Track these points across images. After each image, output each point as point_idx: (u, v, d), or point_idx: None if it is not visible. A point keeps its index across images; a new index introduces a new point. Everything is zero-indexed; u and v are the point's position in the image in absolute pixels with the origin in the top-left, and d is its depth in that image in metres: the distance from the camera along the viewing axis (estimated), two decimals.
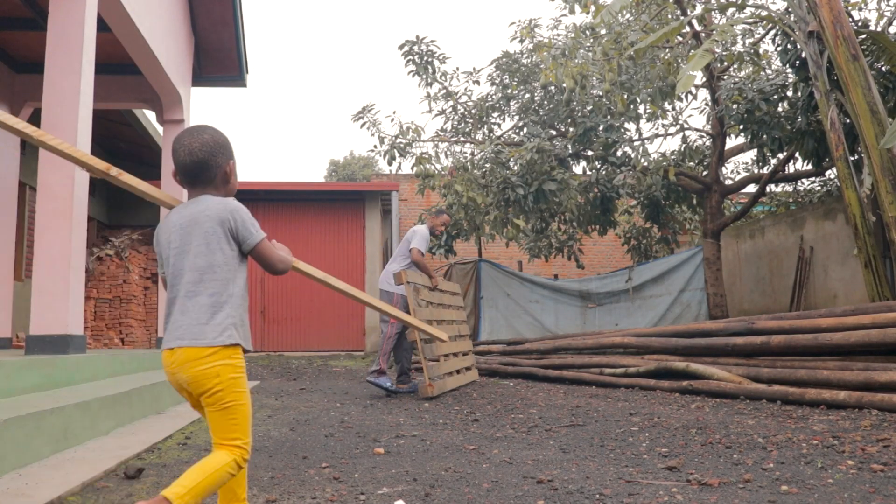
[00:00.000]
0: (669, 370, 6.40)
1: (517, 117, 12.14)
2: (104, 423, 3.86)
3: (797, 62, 8.01)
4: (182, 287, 2.00)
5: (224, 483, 1.96)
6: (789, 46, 8.04)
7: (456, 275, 12.42)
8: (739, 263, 12.23)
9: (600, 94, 10.30)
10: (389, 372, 6.89)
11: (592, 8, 9.70)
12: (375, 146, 11.39)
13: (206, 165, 2.04)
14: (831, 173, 11.01)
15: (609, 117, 10.40)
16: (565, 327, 11.69)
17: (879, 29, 8.78)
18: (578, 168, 11.83)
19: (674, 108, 11.65)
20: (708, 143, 11.59)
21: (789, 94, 8.83)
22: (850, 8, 8.95)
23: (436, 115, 12.23)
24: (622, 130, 10.56)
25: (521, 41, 11.78)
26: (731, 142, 11.07)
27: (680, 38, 9.85)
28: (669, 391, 6.12)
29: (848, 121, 7.51)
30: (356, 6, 77.63)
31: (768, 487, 2.62)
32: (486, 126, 12.18)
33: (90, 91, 5.26)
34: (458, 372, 6.91)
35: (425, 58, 11.31)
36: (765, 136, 8.72)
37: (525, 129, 11.67)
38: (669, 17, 10.26)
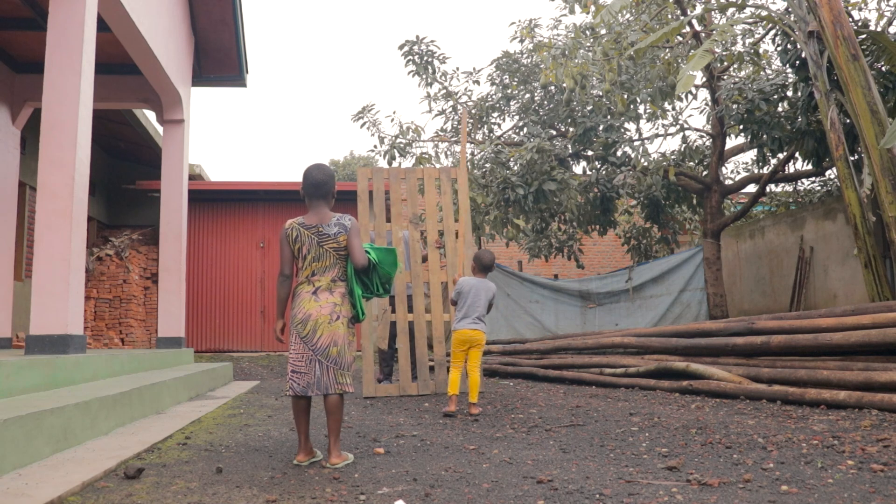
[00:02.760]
0: (669, 370, 6.40)
1: (517, 117, 12.15)
2: (104, 423, 3.86)
3: (797, 62, 8.01)
4: None
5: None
6: (789, 46, 8.04)
7: None
8: (739, 263, 12.23)
9: (600, 94, 10.30)
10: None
11: (592, 8, 9.71)
12: (375, 146, 11.40)
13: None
14: (831, 173, 11.02)
15: (609, 117, 10.40)
16: (565, 327, 11.69)
17: (879, 29, 8.78)
18: (578, 168, 11.83)
19: (674, 108, 11.66)
20: (708, 143, 11.60)
21: (789, 94, 8.83)
22: (850, 8, 8.96)
23: (436, 115, 12.23)
24: (622, 130, 10.56)
25: (521, 41, 11.79)
26: (731, 142, 11.08)
27: (680, 38, 9.85)
28: (669, 391, 6.12)
29: (848, 121, 7.51)
30: (356, 6, 77.69)
31: (768, 487, 2.62)
32: (486, 126, 12.18)
33: (90, 91, 5.26)
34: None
35: (425, 58, 11.32)
36: (765, 136, 8.72)
37: (525, 129, 11.67)
38: (669, 17, 10.26)
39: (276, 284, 3.36)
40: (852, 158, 7.54)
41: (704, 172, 11.22)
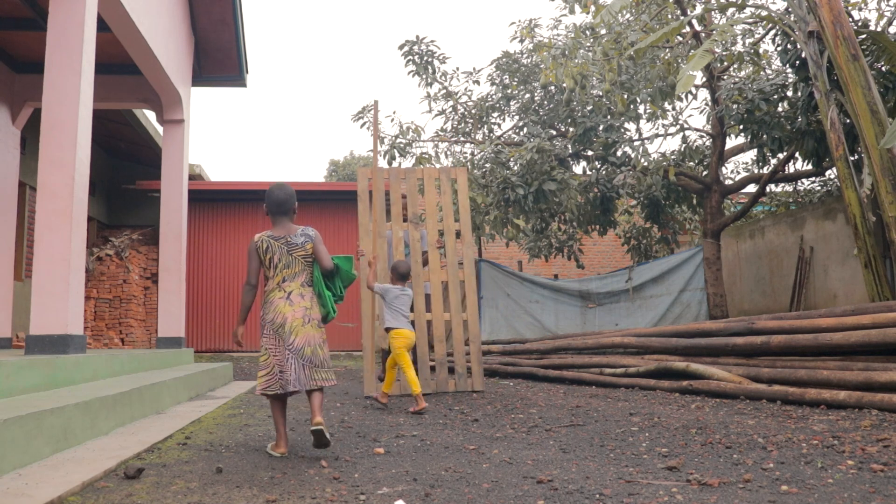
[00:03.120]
0: (669, 370, 6.39)
1: (517, 117, 12.15)
2: (104, 423, 3.86)
3: (797, 62, 8.01)
4: None
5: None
6: (789, 46, 8.04)
7: None
8: (739, 263, 12.23)
9: (600, 94, 10.30)
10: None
11: (592, 8, 9.71)
12: None
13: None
14: (831, 173, 11.02)
15: (609, 117, 10.40)
16: (565, 327, 11.68)
17: (879, 29, 8.78)
18: (578, 168, 11.84)
19: (674, 108, 11.66)
20: (708, 143, 11.60)
21: (789, 94, 8.83)
22: (850, 8, 8.96)
23: (436, 115, 12.24)
24: (622, 130, 10.56)
25: (521, 41, 11.79)
26: (731, 142, 11.08)
27: (680, 38, 9.85)
28: (669, 391, 6.12)
29: (848, 121, 7.51)
30: (356, 6, 77.69)
31: (768, 487, 2.62)
32: (486, 126, 12.18)
33: (90, 91, 5.26)
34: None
35: (425, 58, 11.32)
36: (765, 136, 8.72)
37: (525, 129, 11.67)
38: (669, 17, 10.26)
39: (242, 293, 3.66)
40: (852, 158, 7.53)
41: (704, 172, 11.22)
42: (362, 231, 6.59)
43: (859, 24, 8.71)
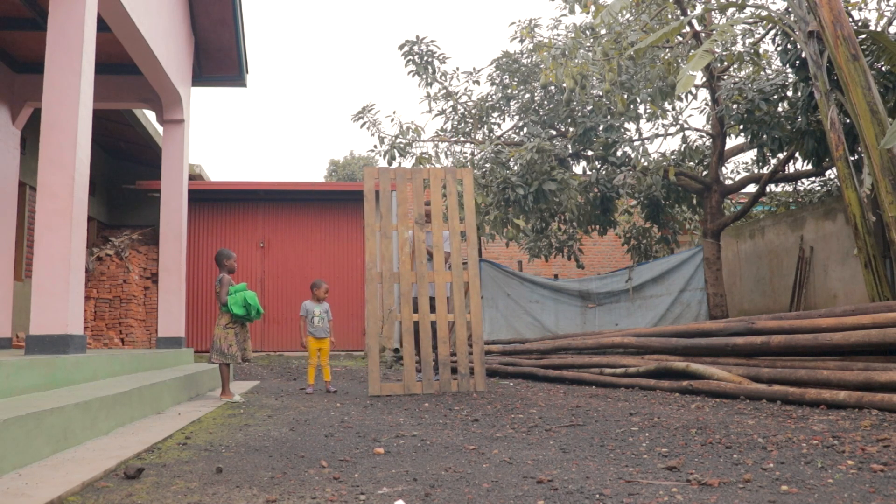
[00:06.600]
0: (669, 370, 6.39)
1: (517, 117, 12.14)
2: (104, 423, 3.86)
3: (797, 62, 8.01)
4: None
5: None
6: (789, 46, 8.04)
7: None
8: (739, 263, 12.23)
9: (600, 94, 10.30)
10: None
11: (592, 8, 9.71)
12: (375, 146, 11.40)
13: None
14: (831, 173, 11.01)
15: (609, 117, 10.40)
16: (565, 327, 11.68)
17: (879, 29, 8.78)
18: (578, 168, 11.83)
19: (674, 108, 11.65)
20: (708, 143, 11.59)
21: (789, 94, 8.83)
22: (850, 8, 8.95)
23: (436, 115, 12.23)
24: (622, 130, 10.55)
25: (521, 41, 11.79)
26: (731, 142, 11.07)
27: (680, 38, 9.85)
28: (669, 391, 6.11)
29: (848, 121, 7.50)
30: (356, 6, 77.66)
31: (768, 487, 2.62)
32: (486, 126, 12.17)
33: (90, 91, 5.26)
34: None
35: (425, 58, 11.31)
36: (765, 136, 8.72)
37: (525, 129, 11.67)
38: (669, 17, 10.26)
39: None
40: (852, 158, 7.53)
41: (704, 172, 11.21)
42: (368, 231, 6.59)
43: (859, 24, 8.70)
